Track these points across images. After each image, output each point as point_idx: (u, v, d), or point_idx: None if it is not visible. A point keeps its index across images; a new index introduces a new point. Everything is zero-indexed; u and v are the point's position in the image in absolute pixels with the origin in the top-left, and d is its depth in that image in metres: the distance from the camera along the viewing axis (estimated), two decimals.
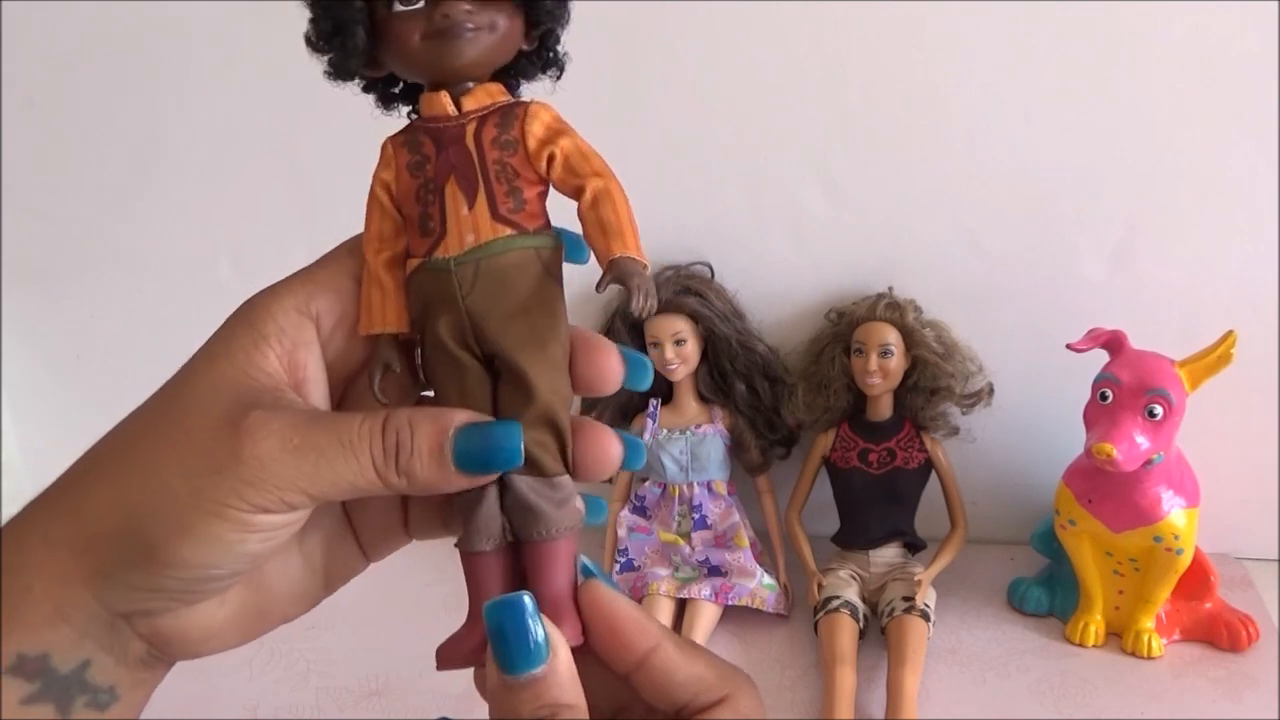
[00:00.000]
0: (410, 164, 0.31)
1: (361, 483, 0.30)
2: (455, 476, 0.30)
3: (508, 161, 0.31)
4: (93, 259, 0.84)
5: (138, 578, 0.29)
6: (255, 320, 0.32)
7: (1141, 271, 0.76)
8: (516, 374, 0.31)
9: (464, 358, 0.31)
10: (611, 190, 0.31)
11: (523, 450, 0.31)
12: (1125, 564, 0.72)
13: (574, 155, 0.31)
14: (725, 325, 0.76)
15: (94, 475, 0.30)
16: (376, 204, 0.32)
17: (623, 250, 0.31)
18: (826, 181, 0.77)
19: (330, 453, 0.29)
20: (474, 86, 0.31)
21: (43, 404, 0.88)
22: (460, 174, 0.31)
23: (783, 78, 0.74)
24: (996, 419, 0.77)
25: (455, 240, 0.31)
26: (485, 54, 0.31)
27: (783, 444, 0.80)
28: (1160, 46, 0.71)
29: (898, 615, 0.71)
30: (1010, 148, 0.74)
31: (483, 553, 0.32)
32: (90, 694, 0.30)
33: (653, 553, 0.78)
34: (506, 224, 0.31)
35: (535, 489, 0.31)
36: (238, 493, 0.29)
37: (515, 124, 0.31)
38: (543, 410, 0.31)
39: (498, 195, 0.31)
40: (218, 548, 0.29)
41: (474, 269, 0.31)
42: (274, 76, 0.76)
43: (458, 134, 0.31)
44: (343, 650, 0.74)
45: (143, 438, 0.30)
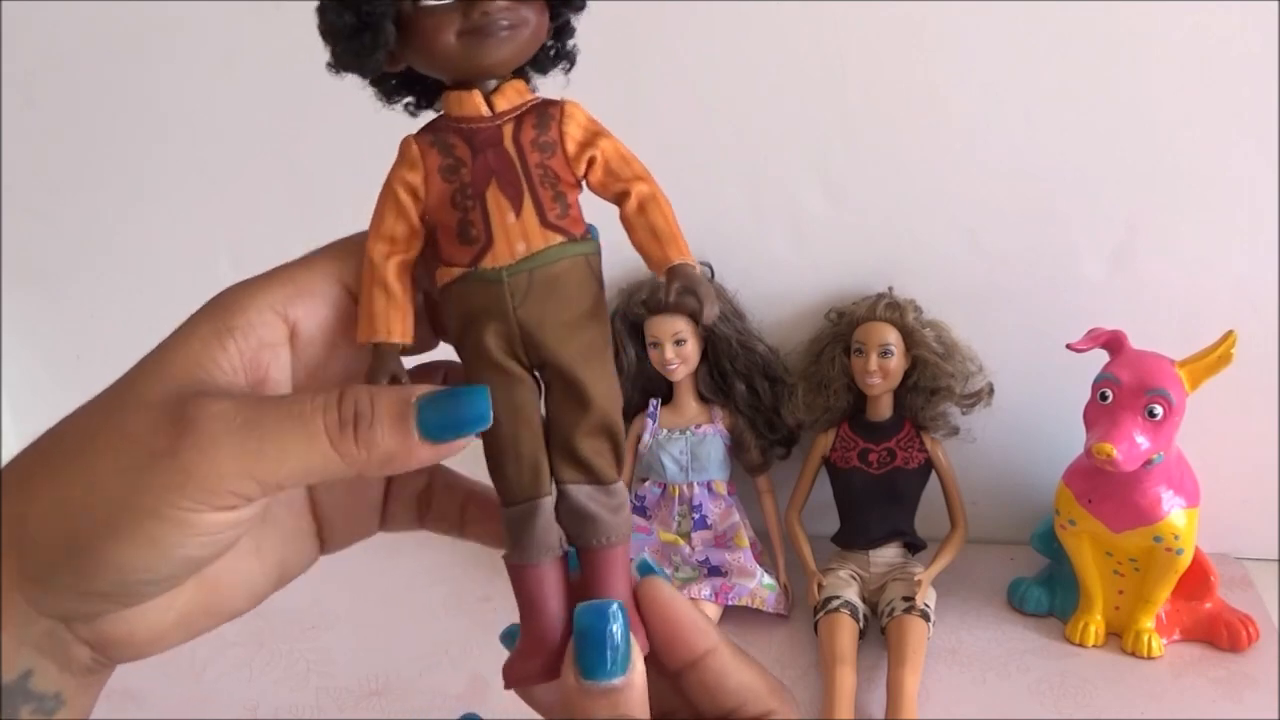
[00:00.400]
0: (443, 168, 0.30)
1: (316, 461, 0.27)
2: (420, 447, 0.28)
3: (549, 165, 0.30)
4: (93, 259, 0.84)
5: (69, 580, 0.27)
6: (224, 313, 0.30)
7: (1141, 271, 0.76)
8: (573, 384, 0.30)
9: (514, 368, 0.30)
10: (658, 195, 0.31)
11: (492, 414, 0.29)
12: (1125, 564, 0.72)
13: (615, 159, 0.31)
14: (725, 325, 0.76)
15: (34, 475, 0.28)
16: (394, 204, 0.30)
17: (680, 257, 0.30)
18: (826, 181, 0.77)
19: (278, 428, 0.27)
20: (500, 84, 0.30)
21: (43, 404, 0.88)
22: (502, 179, 0.30)
23: (783, 78, 0.74)
24: (996, 419, 0.77)
25: (505, 249, 0.30)
26: (518, 52, 0.30)
27: (783, 444, 0.80)
28: (1160, 46, 0.71)
29: (898, 615, 0.71)
30: (1010, 148, 0.74)
31: (540, 564, 0.31)
32: (35, 702, 0.28)
33: (653, 553, 0.78)
34: (556, 231, 0.30)
35: (593, 497, 0.31)
36: (174, 487, 0.26)
37: (553, 125, 0.30)
38: (600, 418, 0.31)
39: (544, 201, 0.30)
40: (153, 552, 0.27)
41: (527, 279, 0.30)
42: (274, 76, 0.76)
43: (494, 136, 0.30)
44: (343, 650, 0.74)
45: (82, 435, 0.28)
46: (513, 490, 0.31)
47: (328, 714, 0.69)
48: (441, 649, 0.73)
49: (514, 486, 0.31)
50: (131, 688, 0.69)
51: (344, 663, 0.73)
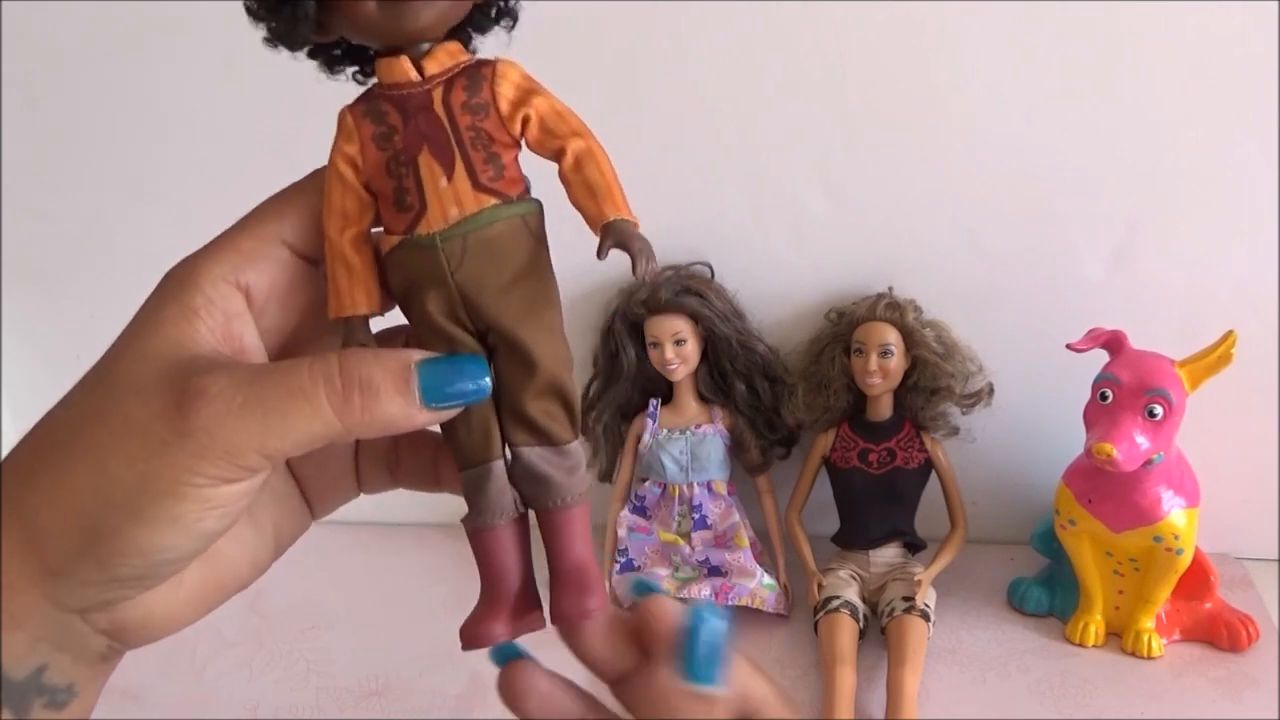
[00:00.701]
0: (376, 136, 0.30)
1: (319, 429, 0.28)
2: (421, 412, 0.29)
3: (481, 126, 0.29)
4: (93, 259, 0.84)
5: (91, 571, 0.28)
6: (182, 294, 0.30)
7: (1141, 271, 0.76)
8: (517, 346, 0.30)
9: (457, 333, 0.30)
10: (594, 150, 0.30)
11: (491, 384, 0.30)
12: (1125, 564, 0.72)
13: (550, 115, 0.30)
14: (725, 325, 0.76)
15: (36, 472, 0.29)
16: (338, 178, 0.30)
17: (615, 212, 0.30)
18: (826, 181, 0.77)
19: (280, 404, 0.27)
20: (432, 47, 0.30)
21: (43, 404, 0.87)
22: (433, 144, 0.29)
23: (783, 78, 0.74)
24: (996, 419, 0.77)
25: (438, 215, 0.29)
26: (444, 14, 0.29)
27: (783, 444, 0.80)
28: (1161, 46, 0.71)
29: (898, 615, 0.71)
30: (1010, 148, 0.74)
31: (496, 527, 0.31)
32: (48, 695, 0.29)
33: (653, 553, 0.78)
34: (490, 193, 0.30)
35: (546, 458, 0.31)
36: (190, 468, 0.27)
37: (484, 85, 0.30)
38: (548, 379, 0.30)
39: (476, 164, 0.29)
40: (174, 529, 0.28)
41: (461, 243, 0.29)
42: (274, 76, 0.76)
43: (424, 101, 0.29)
44: (343, 650, 0.74)
45: (80, 428, 0.29)
46: (465, 454, 0.31)
47: (328, 714, 0.69)
48: (441, 649, 0.73)
49: (466, 450, 0.31)
50: (131, 688, 0.69)
51: (344, 663, 0.73)
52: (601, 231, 0.30)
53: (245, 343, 0.30)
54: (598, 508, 0.81)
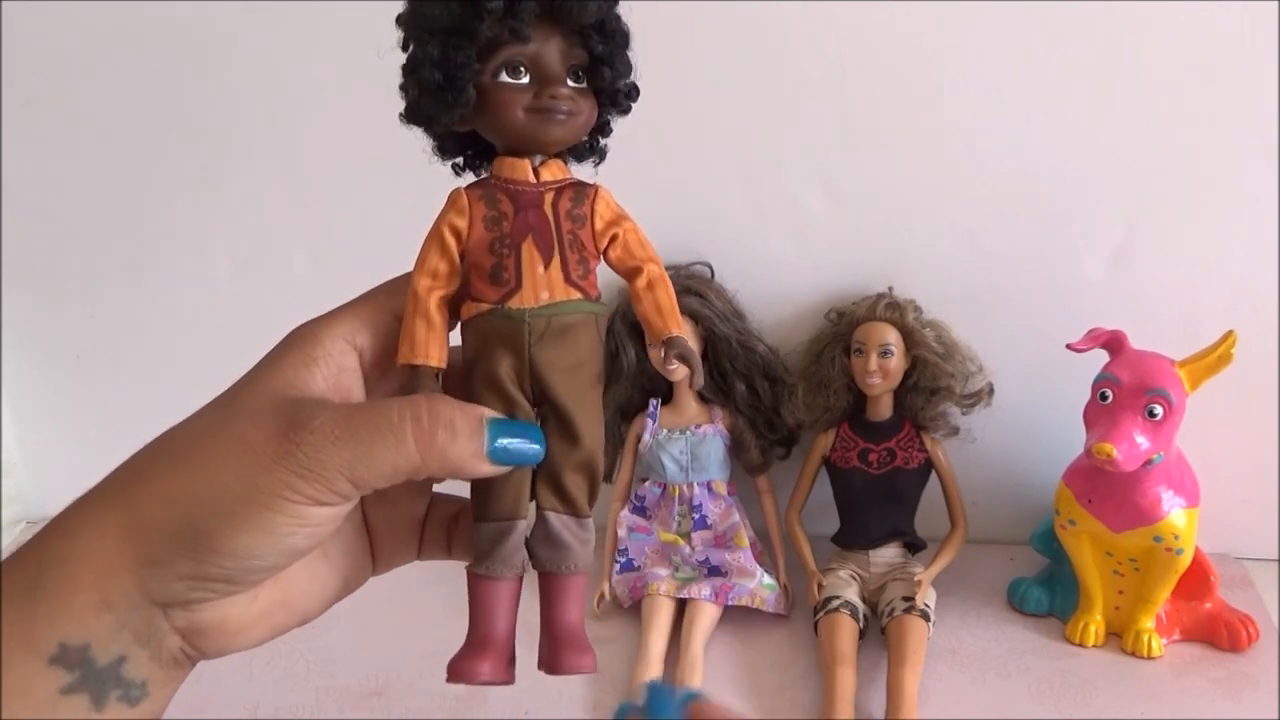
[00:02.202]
0: (487, 218, 0.34)
1: (402, 463, 0.31)
2: (484, 464, 0.33)
3: (578, 234, 0.35)
4: (93, 259, 0.84)
5: (186, 566, 0.31)
6: (304, 346, 0.34)
7: (1141, 271, 0.76)
8: (568, 422, 0.34)
9: (518, 398, 0.34)
10: (664, 276, 0.36)
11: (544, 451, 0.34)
12: (1125, 564, 0.72)
13: (633, 240, 0.36)
14: (725, 325, 0.76)
15: (148, 473, 0.32)
16: (439, 244, 0.35)
17: (678, 329, 0.35)
18: (826, 181, 0.77)
19: (370, 437, 0.31)
20: (546, 160, 0.35)
21: (43, 404, 0.88)
22: (538, 236, 0.34)
23: (783, 78, 0.74)
24: (996, 419, 0.77)
25: (530, 294, 0.34)
26: (570, 136, 0.35)
27: (783, 444, 0.80)
28: (1160, 47, 0.71)
29: (898, 615, 0.71)
30: (1010, 148, 0.74)
31: (503, 579, 0.35)
32: (123, 689, 0.31)
33: (653, 553, 0.78)
34: (576, 288, 0.34)
35: (569, 526, 0.35)
36: (289, 484, 0.30)
37: (586, 202, 0.35)
38: (586, 457, 0.35)
39: (570, 262, 0.34)
40: (268, 539, 0.31)
41: (545, 323, 0.34)
42: (275, 77, 0.76)
43: (536, 200, 0.34)
44: (343, 650, 0.74)
45: (196, 441, 0.32)
46: (494, 507, 0.35)
47: (328, 714, 0.69)
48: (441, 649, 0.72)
49: (497, 504, 0.35)
50: None
51: (344, 663, 0.73)
52: (666, 344, 0.36)
53: (353, 395, 0.35)
54: (598, 508, 0.81)
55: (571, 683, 0.71)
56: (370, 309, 0.35)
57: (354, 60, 0.77)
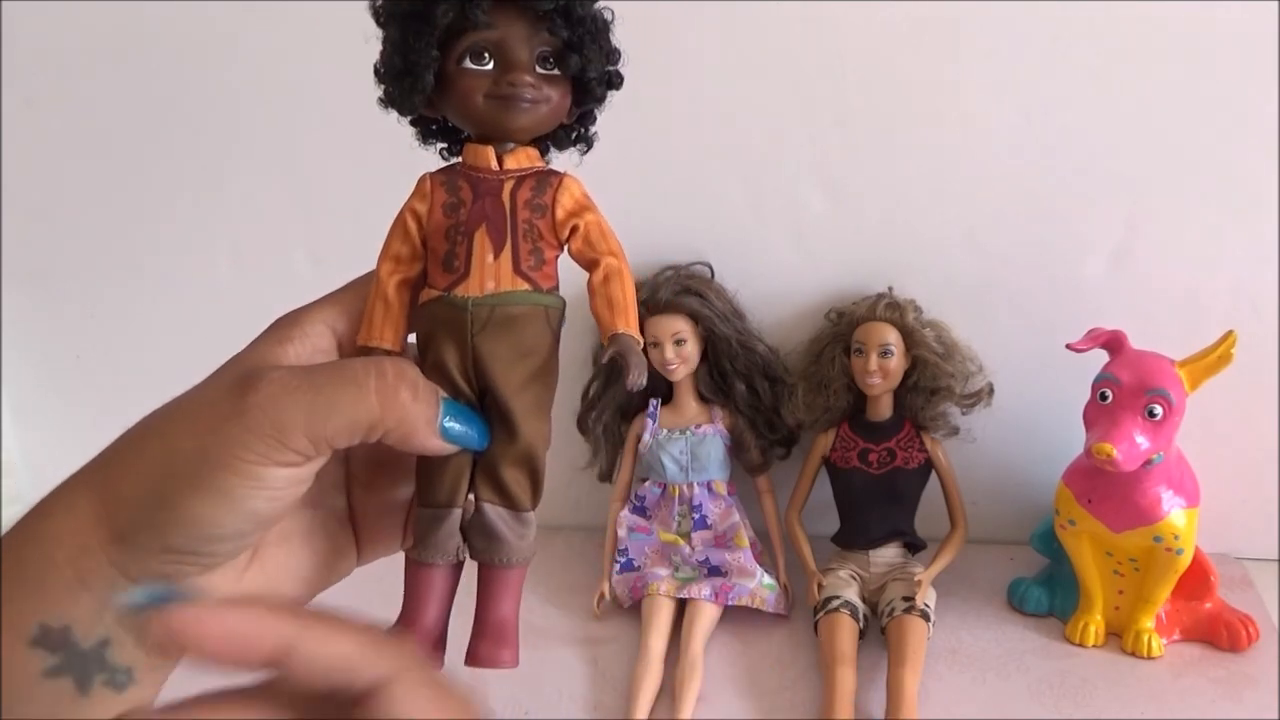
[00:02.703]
0: (446, 204, 0.34)
1: (362, 415, 0.30)
2: (434, 437, 0.32)
3: (535, 223, 0.34)
4: (93, 259, 0.84)
5: (150, 538, 0.30)
6: (280, 329, 0.34)
7: (1141, 271, 0.76)
8: (505, 414, 0.34)
9: (462, 387, 0.34)
10: (623, 270, 0.35)
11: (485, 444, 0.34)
12: (1125, 564, 0.72)
13: (595, 232, 0.35)
14: (725, 325, 0.76)
15: (121, 449, 0.32)
16: (401, 228, 0.35)
17: (625, 327, 0.35)
18: (826, 181, 0.77)
19: (332, 388, 0.30)
20: (515, 147, 0.34)
21: (43, 404, 0.88)
22: (491, 224, 0.34)
23: (783, 78, 0.74)
24: (996, 419, 0.77)
25: (476, 283, 0.33)
26: (536, 123, 0.34)
27: (783, 444, 0.80)
28: (1160, 46, 0.71)
29: (898, 615, 0.71)
30: (1010, 148, 0.74)
31: (434, 565, 0.35)
32: (108, 673, 0.30)
33: (653, 553, 0.78)
34: (525, 279, 0.34)
35: (504, 519, 0.34)
36: (242, 441, 0.29)
37: (549, 191, 0.34)
38: (523, 450, 0.34)
39: (522, 251, 0.34)
40: (224, 503, 0.30)
41: (488, 312, 0.33)
42: (274, 77, 0.76)
43: (495, 187, 0.34)
44: None
45: (164, 412, 0.32)
46: (432, 494, 0.34)
47: None
48: None
49: (434, 490, 0.34)
50: None
51: None
52: (609, 340, 0.35)
53: None
54: (598, 508, 0.81)
55: (572, 683, 0.71)
56: (352, 297, 0.35)
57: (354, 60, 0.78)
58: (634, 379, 0.34)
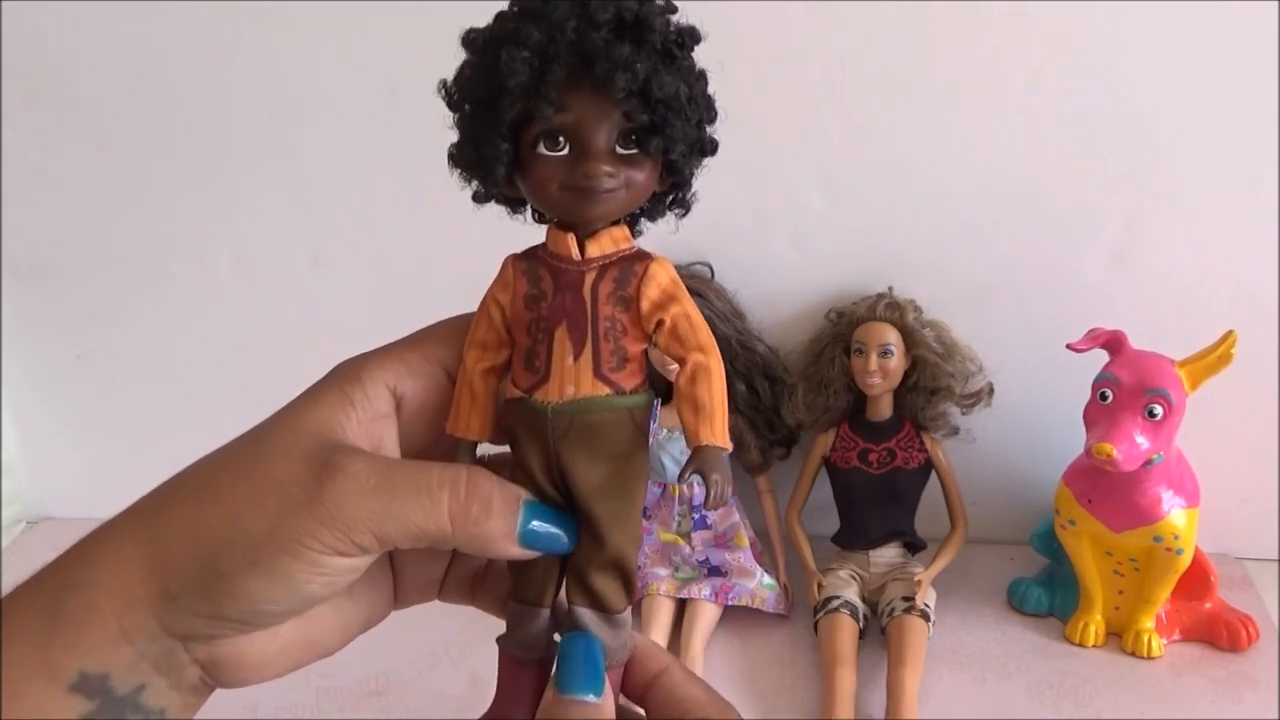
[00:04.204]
0: (527, 296, 0.32)
1: (431, 528, 0.31)
2: (513, 546, 0.32)
3: (619, 318, 0.32)
4: (93, 258, 0.84)
5: (201, 604, 0.30)
6: (345, 385, 0.33)
7: (1141, 271, 0.76)
8: (591, 520, 0.33)
9: (547, 488, 0.33)
10: (711, 368, 0.32)
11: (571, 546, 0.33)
12: (1125, 564, 0.72)
13: (683, 325, 0.32)
14: (725, 325, 0.76)
15: (172, 503, 0.31)
16: (486, 317, 0.33)
17: (710, 439, 0.32)
18: (826, 181, 0.77)
19: (405, 495, 0.30)
20: (599, 228, 0.32)
21: (43, 404, 0.88)
22: (572, 322, 0.32)
23: (782, 78, 0.74)
24: (996, 419, 0.77)
25: (556, 388, 0.32)
26: (616, 210, 0.32)
27: (783, 444, 0.80)
28: (1160, 46, 0.71)
29: (898, 615, 0.71)
30: (1010, 147, 0.74)
31: (521, 660, 0.34)
32: (142, 714, 0.31)
33: (653, 553, 0.78)
34: (607, 384, 0.32)
35: (596, 622, 0.33)
36: (311, 532, 0.30)
37: (633, 281, 0.32)
38: (612, 556, 0.33)
39: (603, 353, 0.32)
40: (283, 585, 0.30)
41: (569, 420, 0.32)
42: (274, 76, 0.76)
43: (576, 280, 0.32)
44: (343, 650, 0.74)
45: (224, 474, 0.31)
46: (520, 590, 0.34)
47: (328, 714, 0.69)
48: (441, 649, 0.73)
49: (523, 588, 0.34)
50: None
51: (344, 663, 0.72)
52: (694, 452, 0.32)
53: (384, 443, 0.33)
54: None
55: None
56: (418, 356, 0.34)
57: (356, 61, 0.78)
58: (714, 501, 0.31)
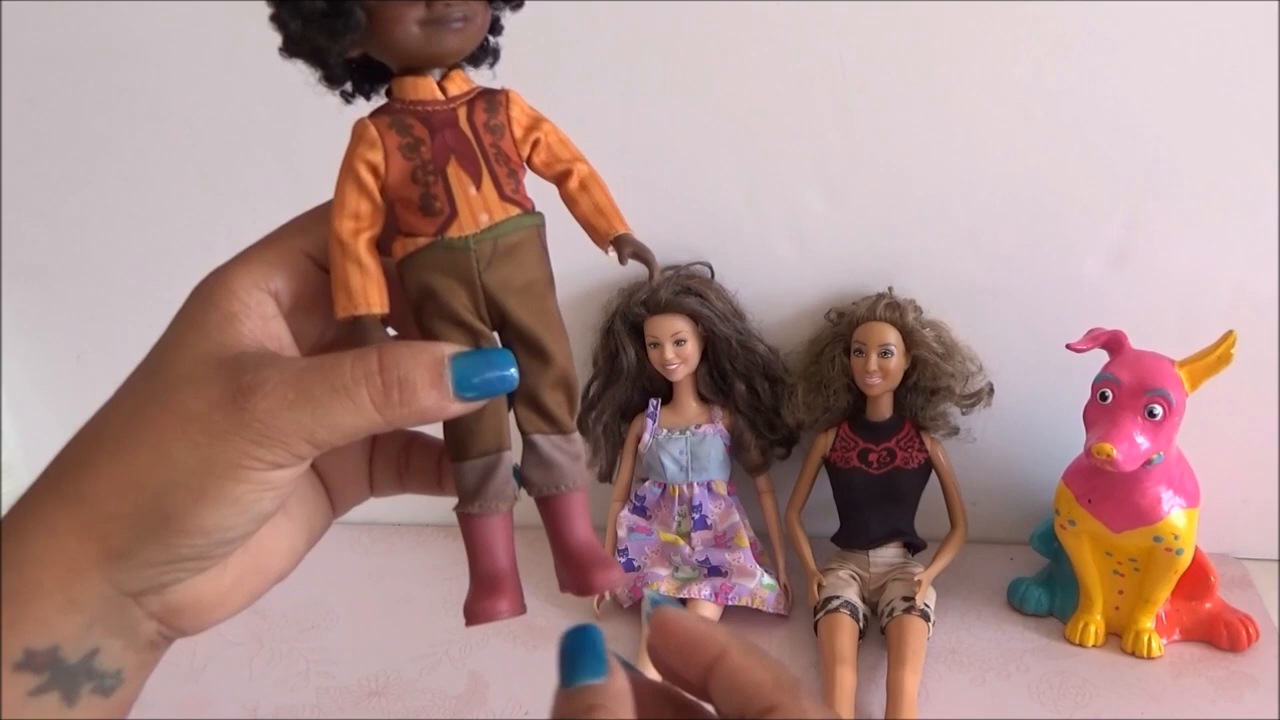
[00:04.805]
0: (402, 146, 0.32)
1: (362, 423, 0.30)
2: (454, 404, 0.31)
3: (500, 145, 0.32)
4: (93, 258, 0.84)
5: (156, 552, 0.29)
6: (219, 301, 0.32)
7: (1141, 271, 0.76)
8: (534, 342, 0.33)
9: (481, 328, 0.32)
10: (596, 174, 0.33)
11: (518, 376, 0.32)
12: (1125, 564, 0.72)
13: (556, 142, 0.33)
14: (725, 325, 0.76)
15: (96, 459, 0.30)
16: (355, 182, 0.32)
17: (624, 227, 0.33)
18: (826, 181, 0.77)
19: (326, 401, 0.30)
20: (448, 71, 0.32)
21: (43, 404, 0.88)
22: (461, 156, 0.32)
23: (782, 78, 0.74)
24: (996, 419, 0.77)
25: (469, 219, 0.32)
26: (468, 42, 0.32)
27: (783, 444, 0.80)
28: (1160, 46, 0.71)
29: (898, 615, 0.71)
30: (1010, 147, 0.74)
31: (499, 513, 0.33)
32: (97, 680, 0.30)
33: (653, 553, 0.78)
34: (513, 204, 0.32)
35: (558, 445, 0.33)
36: (248, 453, 0.29)
37: (500, 110, 0.33)
38: (560, 373, 0.33)
39: (501, 177, 0.32)
40: (236, 508, 0.30)
41: (491, 246, 0.32)
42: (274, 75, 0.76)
43: (449, 118, 0.32)
44: (343, 650, 0.74)
45: (140, 419, 0.30)
46: (475, 443, 0.33)
47: (328, 714, 0.69)
48: (441, 649, 0.73)
49: (478, 439, 0.33)
50: None
51: (344, 663, 0.73)
52: (618, 242, 0.33)
53: (284, 342, 0.33)
54: (598, 508, 0.81)
55: None
56: (278, 250, 0.33)
57: None
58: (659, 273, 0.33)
